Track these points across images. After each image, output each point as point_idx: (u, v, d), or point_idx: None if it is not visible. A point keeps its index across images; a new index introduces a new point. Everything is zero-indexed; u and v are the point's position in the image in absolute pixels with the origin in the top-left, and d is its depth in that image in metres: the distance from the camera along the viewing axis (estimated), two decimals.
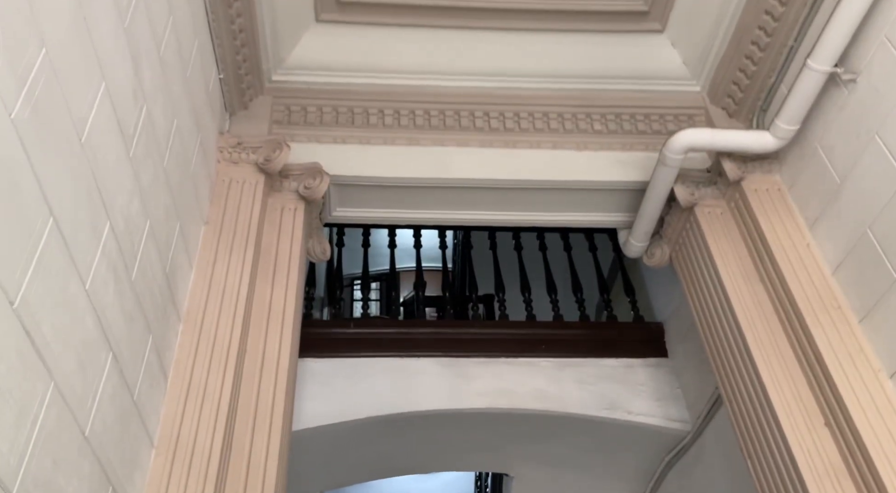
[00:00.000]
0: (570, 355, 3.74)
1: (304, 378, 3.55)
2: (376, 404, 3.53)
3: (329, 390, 3.54)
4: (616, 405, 3.60)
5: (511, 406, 3.59)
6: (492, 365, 3.70)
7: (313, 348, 3.64)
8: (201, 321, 2.17)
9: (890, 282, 2.10)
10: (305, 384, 3.54)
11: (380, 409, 3.52)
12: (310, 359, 3.62)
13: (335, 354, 3.66)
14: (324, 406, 3.49)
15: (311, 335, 3.66)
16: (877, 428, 2.00)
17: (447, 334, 3.78)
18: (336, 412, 3.50)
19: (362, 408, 3.52)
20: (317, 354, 3.64)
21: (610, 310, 3.92)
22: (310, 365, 3.61)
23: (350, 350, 3.68)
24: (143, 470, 1.80)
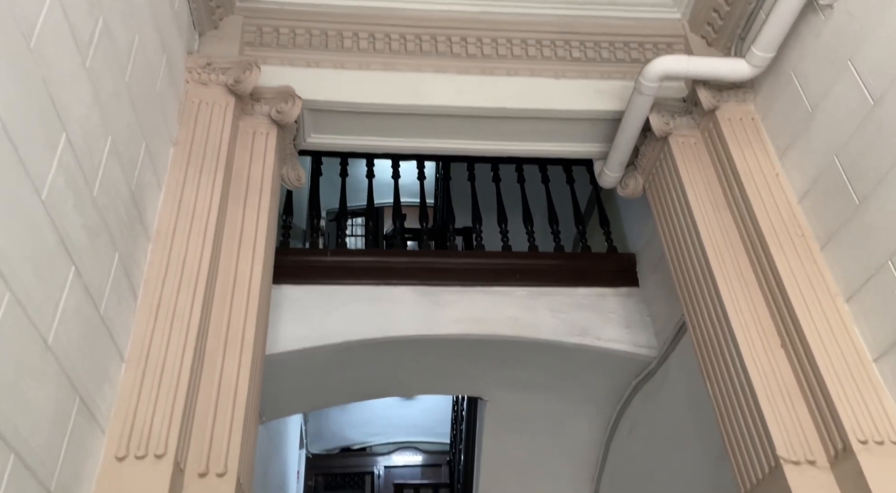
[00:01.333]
0: (544, 285, 3.77)
1: (282, 304, 3.57)
2: (353, 329, 3.55)
3: (306, 316, 3.55)
4: (587, 332, 3.66)
5: (485, 333, 3.63)
6: (467, 294, 3.73)
7: (290, 276, 3.64)
8: (171, 242, 2.14)
9: (853, 209, 2.11)
10: (283, 310, 3.55)
11: (357, 334, 3.55)
12: (287, 286, 3.62)
13: (313, 281, 3.66)
14: (301, 331, 3.51)
15: (288, 263, 3.66)
16: (830, 349, 2.05)
17: (424, 264, 3.78)
18: (313, 336, 3.52)
19: (339, 333, 3.54)
20: (293, 280, 3.64)
21: (584, 241, 3.94)
22: (287, 291, 3.62)
23: (327, 278, 3.68)
24: (112, 383, 1.81)
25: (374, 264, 3.78)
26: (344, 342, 3.54)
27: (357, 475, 7.92)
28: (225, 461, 1.91)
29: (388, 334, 3.58)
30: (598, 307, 3.74)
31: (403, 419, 8.01)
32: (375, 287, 3.69)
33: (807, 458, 1.97)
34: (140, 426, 1.79)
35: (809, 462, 1.97)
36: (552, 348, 3.66)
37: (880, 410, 1.92)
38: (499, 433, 4.44)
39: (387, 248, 5.40)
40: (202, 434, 1.95)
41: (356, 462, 7.99)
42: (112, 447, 1.74)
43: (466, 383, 4.23)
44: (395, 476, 7.39)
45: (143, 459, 1.74)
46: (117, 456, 1.73)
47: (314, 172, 3.94)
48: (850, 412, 1.92)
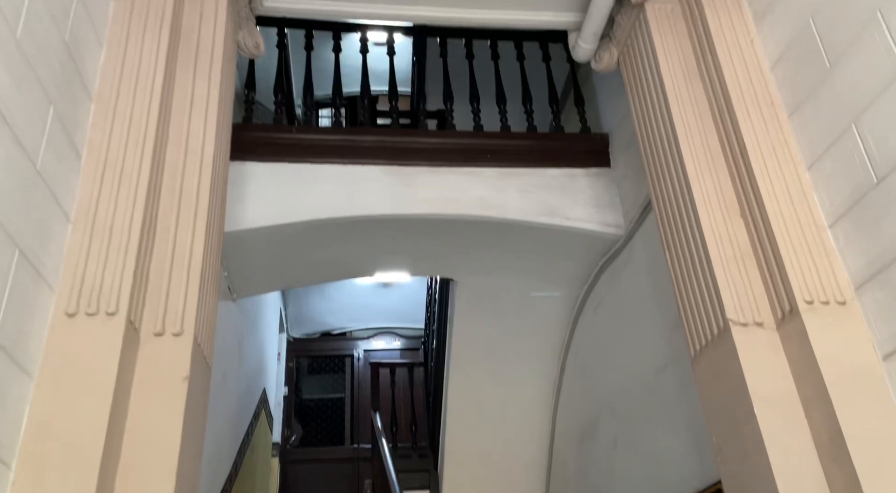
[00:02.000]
0: (515, 166, 3.72)
1: (247, 181, 3.51)
2: (321, 207, 3.52)
3: (272, 193, 3.50)
4: (555, 212, 3.65)
5: (454, 212, 3.61)
6: (437, 174, 3.68)
7: (255, 152, 3.57)
8: (115, 102, 2.04)
9: (823, 74, 2.04)
10: (248, 187, 3.50)
11: (325, 212, 3.52)
12: (252, 163, 3.55)
13: (279, 158, 3.58)
14: (267, 208, 3.47)
15: (252, 139, 3.57)
16: (786, 215, 2.04)
17: (394, 143, 3.70)
18: (280, 213, 3.48)
19: (306, 211, 3.51)
20: (259, 157, 3.57)
21: (558, 121, 3.85)
22: (252, 168, 3.55)
23: (294, 156, 3.60)
24: (58, 242, 1.77)
25: (342, 142, 3.69)
26: (312, 221, 3.51)
27: (338, 358, 8.18)
28: (181, 322, 1.91)
29: (356, 212, 3.55)
30: (568, 188, 3.72)
31: (382, 306, 8.18)
32: (344, 166, 3.62)
33: (755, 320, 2.01)
34: (90, 284, 1.77)
35: (757, 324, 2.01)
36: (521, 229, 3.66)
37: (829, 272, 1.94)
38: (469, 313, 4.53)
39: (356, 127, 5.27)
40: (157, 296, 1.94)
41: (337, 346, 8.23)
42: (62, 304, 1.73)
43: (437, 265, 4.26)
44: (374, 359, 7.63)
45: (94, 316, 1.73)
46: (67, 312, 1.72)
47: (280, 45, 3.75)
48: (800, 274, 1.94)
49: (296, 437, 7.51)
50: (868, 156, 1.84)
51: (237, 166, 3.50)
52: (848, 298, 1.90)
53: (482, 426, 4.99)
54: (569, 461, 4.57)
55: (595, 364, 4.08)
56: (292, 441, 7.39)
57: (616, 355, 3.78)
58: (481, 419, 4.98)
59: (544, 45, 4.02)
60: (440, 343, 5.13)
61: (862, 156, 1.87)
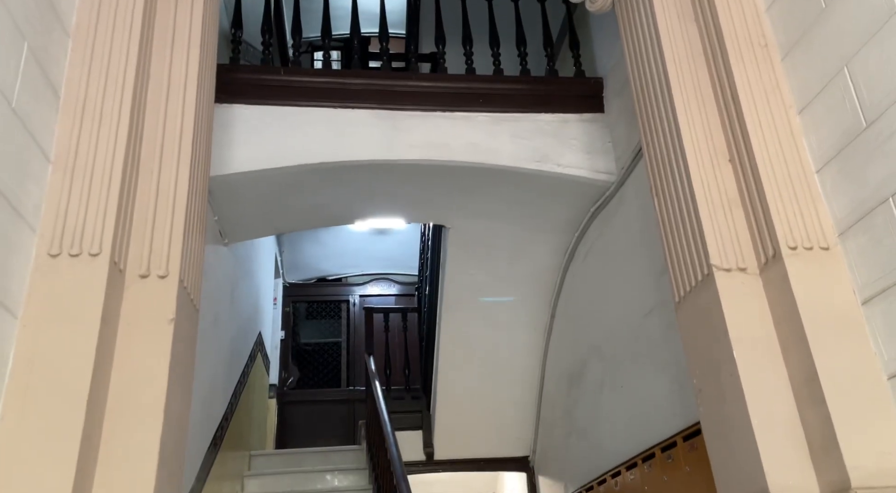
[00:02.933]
0: (508, 110, 3.67)
1: (234, 124, 3.46)
2: (310, 151, 3.48)
3: (260, 137, 3.45)
4: (548, 158, 3.62)
5: (445, 158, 3.58)
6: (428, 118, 3.63)
7: (243, 95, 3.50)
8: (93, 38, 1.98)
9: (817, 12, 1.98)
10: (235, 130, 3.45)
11: (313, 157, 3.48)
12: (239, 105, 3.50)
13: (266, 101, 3.52)
14: (255, 152, 3.43)
15: (239, 81, 3.51)
16: (774, 160, 2.02)
17: (383, 86, 3.63)
18: (268, 157, 3.44)
19: (295, 155, 3.47)
20: (246, 100, 3.51)
21: (552, 64, 3.77)
22: (239, 111, 3.49)
23: (281, 98, 3.54)
24: (38, 182, 1.75)
25: (330, 85, 3.62)
26: (300, 165, 3.48)
27: (333, 303, 8.24)
28: (166, 264, 1.91)
29: (345, 157, 3.51)
30: (561, 133, 3.67)
31: (377, 252, 8.19)
32: (332, 109, 3.57)
33: (738, 266, 2.01)
34: (72, 225, 1.75)
35: (740, 269, 2.01)
36: (513, 175, 3.63)
37: (814, 218, 1.93)
38: (461, 259, 4.54)
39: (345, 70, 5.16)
40: (142, 238, 1.93)
41: (332, 291, 8.28)
42: (44, 245, 1.72)
43: (429, 211, 4.24)
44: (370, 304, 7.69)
45: (77, 257, 1.72)
46: (50, 253, 1.71)
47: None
48: (785, 220, 1.93)
49: (293, 379, 7.64)
50: (858, 99, 1.81)
51: (224, 109, 3.44)
52: (831, 243, 1.90)
53: (473, 368, 5.07)
54: (557, 403, 4.67)
55: (585, 310, 4.11)
56: (289, 383, 7.52)
57: (605, 300, 3.81)
58: (473, 362, 5.06)
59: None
60: (433, 288, 5.16)
61: (853, 99, 1.83)
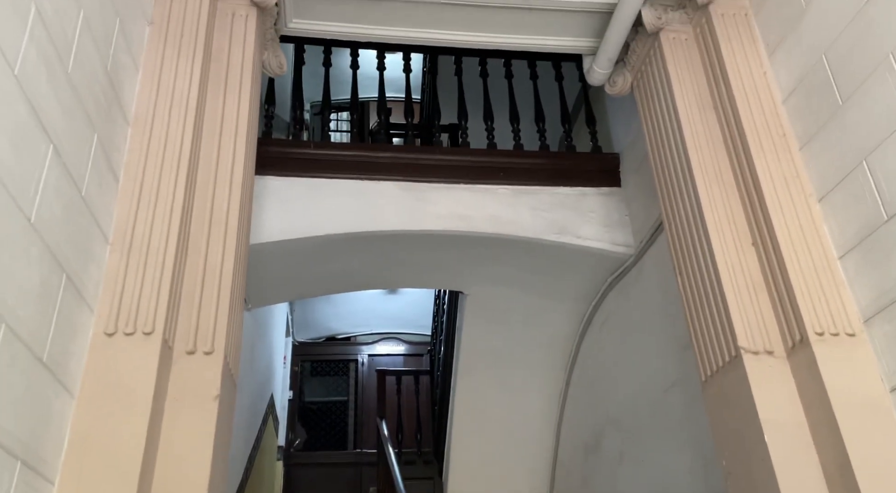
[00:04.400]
0: (527, 183, 3.78)
1: (265, 195, 3.57)
2: (337, 222, 3.57)
3: (290, 208, 3.56)
4: (566, 230, 3.71)
5: (467, 229, 3.67)
6: (451, 191, 3.74)
7: (273, 167, 3.62)
8: (150, 125, 2.10)
9: (835, 109, 2.10)
10: (266, 201, 3.55)
11: (340, 227, 3.57)
12: (270, 177, 3.61)
13: (296, 173, 3.64)
14: (284, 222, 3.53)
15: (271, 154, 3.63)
16: (797, 246, 2.10)
17: (408, 160, 3.76)
18: (297, 228, 3.54)
19: (323, 225, 3.56)
20: (277, 172, 3.62)
21: (570, 140, 3.91)
22: (270, 182, 3.60)
23: (311, 171, 3.66)
24: (98, 264, 1.83)
25: (358, 158, 3.75)
26: (327, 235, 3.57)
27: (342, 362, 8.23)
28: (212, 340, 1.97)
29: (371, 228, 3.61)
30: (579, 206, 3.78)
31: (387, 312, 8.23)
32: (360, 181, 3.68)
33: (765, 348, 2.07)
34: (128, 304, 1.82)
35: (768, 352, 2.07)
36: (532, 246, 3.72)
37: (839, 304, 2.00)
38: (478, 325, 4.59)
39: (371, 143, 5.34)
40: (189, 314, 1.99)
41: (341, 350, 8.28)
42: (101, 324, 1.78)
43: (448, 278, 4.32)
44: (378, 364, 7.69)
45: (131, 335, 1.79)
46: (106, 332, 1.77)
47: (297, 61, 3.81)
48: (811, 306, 2.00)
49: (300, 441, 7.56)
50: (879, 193, 1.90)
51: (256, 180, 3.56)
52: (857, 330, 1.96)
53: (487, 435, 5.04)
54: (573, 472, 4.62)
55: (601, 379, 4.13)
56: (296, 445, 7.44)
57: (623, 371, 3.84)
58: (486, 428, 5.03)
59: (557, 64, 4.09)
60: (448, 353, 5.19)
61: (873, 193, 1.93)
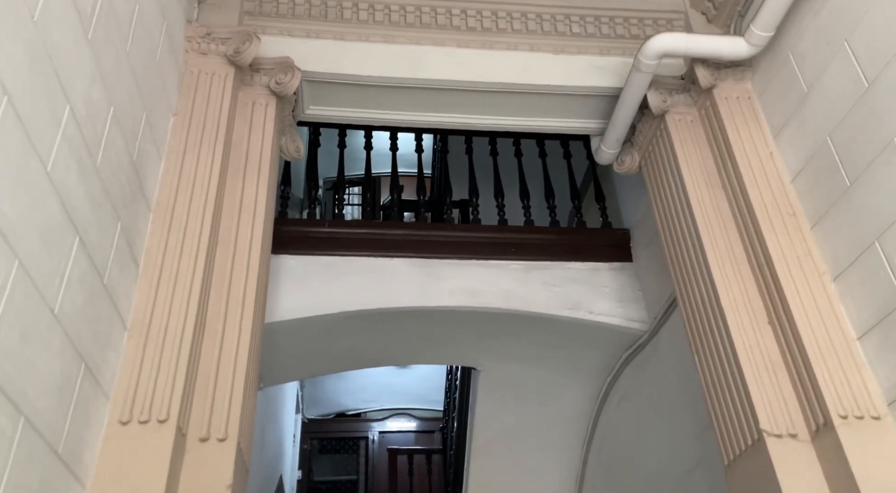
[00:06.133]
0: (539, 259, 3.80)
1: (280, 274, 3.61)
2: (350, 299, 3.59)
3: (304, 286, 3.59)
4: (579, 306, 3.71)
5: (480, 305, 3.67)
6: (463, 267, 3.76)
7: (289, 246, 3.67)
8: (171, 211, 2.16)
9: (843, 190, 2.14)
10: (281, 279, 3.59)
11: (353, 304, 3.59)
12: (285, 256, 3.65)
13: (310, 252, 3.68)
14: (299, 300, 3.55)
15: (286, 233, 3.69)
16: (815, 327, 2.09)
17: (421, 236, 3.81)
18: (311, 306, 3.56)
19: (337, 303, 3.58)
20: (292, 251, 3.67)
21: (580, 216, 3.97)
22: (285, 262, 3.65)
23: (325, 249, 3.71)
24: (116, 350, 1.84)
25: (370, 236, 3.81)
26: (341, 313, 3.58)
27: (352, 440, 8.06)
28: (226, 427, 1.96)
29: (384, 305, 3.62)
30: (591, 281, 3.78)
31: (398, 387, 8.12)
32: (372, 259, 3.72)
33: (789, 431, 2.03)
34: (143, 392, 1.83)
35: (791, 436, 2.02)
36: (545, 321, 3.71)
37: (861, 386, 1.97)
38: (491, 401, 4.51)
39: (383, 219, 5.42)
40: (203, 400, 1.99)
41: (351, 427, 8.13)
42: (116, 412, 1.78)
43: (461, 354, 4.29)
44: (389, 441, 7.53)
45: (146, 424, 1.78)
46: (121, 421, 1.77)
47: (312, 142, 3.94)
48: (832, 387, 1.97)
49: None
50: (893, 274, 1.91)
51: (272, 260, 3.61)
52: (882, 413, 1.92)
53: None
54: None
55: (620, 459, 4.02)
56: None
57: (642, 450, 3.74)
58: None
59: (565, 143, 4.19)
60: (461, 431, 5.08)
61: (888, 273, 1.93)
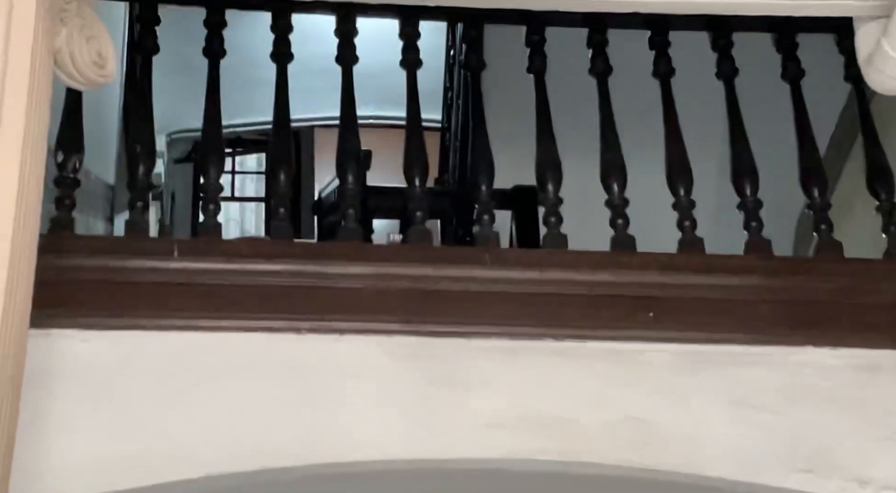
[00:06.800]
0: (719, 336, 1.64)
1: (60, 376, 1.63)
2: (236, 445, 1.55)
3: (120, 410, 1.56)
4: (829, 465, 1.53)
5: (567, 458, 1.58)
6: (522, 353, 1.63)
7: (82, 305, 1.62)
8: None
9: None
10: (61, 397, 1.57)
11: (242, 459, 1.55)
12: (72, 331, 1.64)
13: (137, 318, 1.57)
14: (107, 447, 1.56)
15: (75, 272, 1.63)
16: None
17: (415, 276, 1.62)
18: (137, 461, 1.56)
19: (205, 456, 1.58)
20: (92, 318, 1.59)
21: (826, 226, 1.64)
22: (72, 348, 1.62)
23: (173, 311, 1.58)
24: None
25: (294, 276, 1.62)
26: (210, 477, 1.49)
27: None
28: None
29: (324, 458, 1.57)
30: (860, 400, 1.59)
31: None
32: (296, 336, 1.59)
33: None
34: None
35: None
36: None
37: None
38: None
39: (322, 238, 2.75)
40: None
41: None
42: None
43: None
44: None
45: None
46: None
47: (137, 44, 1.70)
48: None
49: None
50: None
51: (37, 343, 1.44)
52: None
53: None
54: None
55: None
56: None
57: None
58: None
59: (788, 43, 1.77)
60: None
61: None
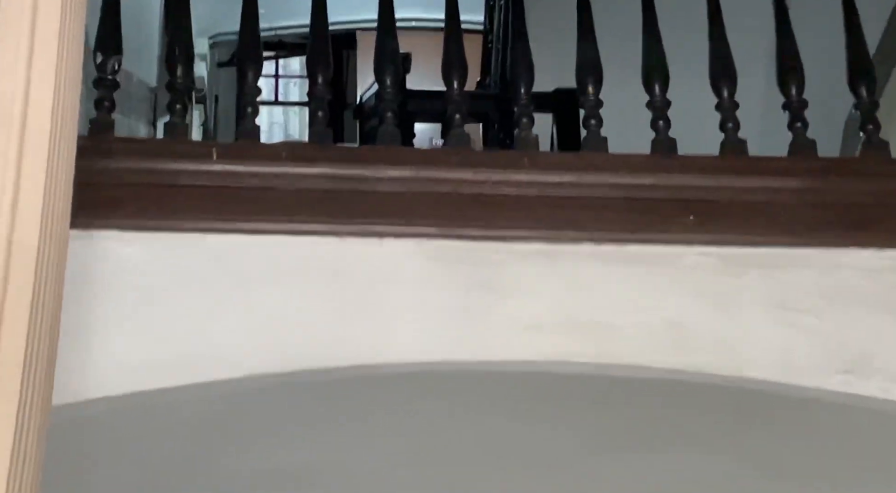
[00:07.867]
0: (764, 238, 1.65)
1: (102, 279, 1.60)
2: (279, 344, 1.56)
3: (162, 309, 1.59)
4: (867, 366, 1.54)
5: (607, 361, 1.55)
6: (563, 257, 1.64)
7: (120, 208, 1.63)
8: None
9: None
10: (98, 295, 1.59)
11: (288, 357, 1.58)
12: (113, 232, 1.63)
13: (176, 221, 1.58)
14: (146, 346, 1.58)
15: (115, 175, 1.65)
16: None
17: (457, 182, 1.63)
18: (181, 359, 1.58)
19: (243, 353, 1.53)
20: (133, 220, 1.61)
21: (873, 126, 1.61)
22: (114, 247, 1.62)
23: (214, 215, 1.59)
24: None
25: (334, 179, 1.62)
26: (257, 378, 1.54)
27: None
28: None
29: (365, 359, 1.58)
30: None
31: None
32: (336, 240, 1.60)
33: None
34: None
35: None
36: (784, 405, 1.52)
37: None
38: None
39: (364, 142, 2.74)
40: None
41: None
42: None
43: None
44: None
45: None
46: None
47: None
48: None
49: None
50: None
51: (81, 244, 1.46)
52: None
53: None
54: None
55: None
56: None
57: None
58: None
59: None
60: None
61: None
